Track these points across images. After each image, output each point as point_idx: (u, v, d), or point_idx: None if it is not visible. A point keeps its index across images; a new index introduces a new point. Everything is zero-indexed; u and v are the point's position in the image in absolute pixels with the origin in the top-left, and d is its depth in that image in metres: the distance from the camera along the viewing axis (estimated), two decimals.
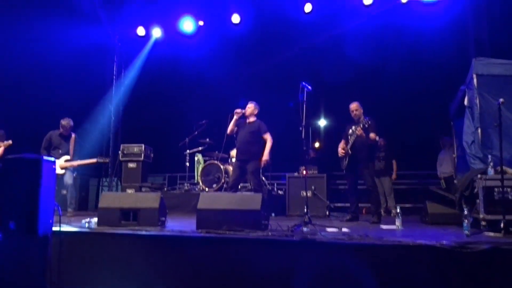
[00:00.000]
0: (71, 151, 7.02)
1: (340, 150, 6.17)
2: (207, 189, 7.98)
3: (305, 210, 4.80)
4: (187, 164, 8.66)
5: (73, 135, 7.11)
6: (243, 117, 6.38)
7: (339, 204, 8.53)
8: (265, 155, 6.21)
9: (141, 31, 10.27)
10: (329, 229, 4.63)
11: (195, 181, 8.89)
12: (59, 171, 6.76)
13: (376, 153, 6.99)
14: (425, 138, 8.79)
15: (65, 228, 4.00)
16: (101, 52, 10.44)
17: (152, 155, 8.95)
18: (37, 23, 8.39)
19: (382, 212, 7.21)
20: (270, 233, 4.05)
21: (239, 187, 7.16)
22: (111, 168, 10.11)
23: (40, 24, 8.41)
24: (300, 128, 4.90)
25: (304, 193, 7.38)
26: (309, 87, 4.96)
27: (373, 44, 9.11)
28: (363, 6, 8.85)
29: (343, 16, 9.13)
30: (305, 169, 7.20)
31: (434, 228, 5.11)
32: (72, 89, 9.38)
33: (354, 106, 6.20)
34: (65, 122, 6.99)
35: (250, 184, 6.41)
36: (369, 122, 5.80)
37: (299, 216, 7.05)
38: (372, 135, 5.86)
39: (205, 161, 8.63)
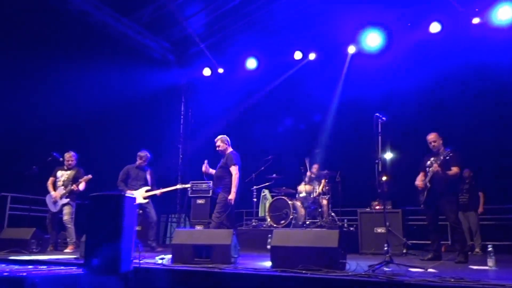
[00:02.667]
0: (149, 182, 7.21)
1: (419, 183, 5.79)
2: (275, 225, 7.84)
3: (386, 247, 4.47)
4: (255, 199, 8.60)
5: (149, 169, 7.35)
6: None
7: (415, 241, 7.95)
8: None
9: (207, 71, 10.68)
10: (413, 269, 4.27)
11: (259, 216, 8.79)
12: (142, 200, 6.97)
13: (459, 186, 6.51)
14: None
15: (144, 265, 4.02)
16: (170, 92, 10.95)
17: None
18: (115, 68, 9.00)
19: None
20: (349, 273, 3.80)
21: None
22: (180, 204, 10.34)
23: (117, 69, 9.02)
24: (376, 161, 4.66)
25: (378, 230, 7.02)
26: (383, 118, 4.76)
27: (445, 71, 8.69)
28: (430, 34, 8.62)
29: (413, 47, 8.85)
30: (379, 204, 6.85)
31: None
32: (143, 127, 9.87)
33: (432, 137, 5.83)
34: (143, 154, 7.26)
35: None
36: (451, 154, 5.40)
37: (374, 254, 6.69)
38: (453, 169, 5.45)
39: (272, 196, 8.52)
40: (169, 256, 4.84)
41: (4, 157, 7.60)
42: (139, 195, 6.96)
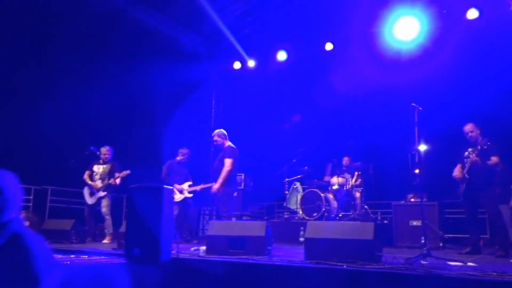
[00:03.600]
0: (189, 177, 7.51)
1: (457, 175, 5.64)
2: (307, 217, 7.82)
3: (423, 240, 4.39)
4: (287, 192, 8.60)
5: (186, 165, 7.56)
6: None
7: (452, 235, 7.75)
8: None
9: (237, 65, 10.70)
10: (452, 263, 4.17)
11: (290, 208, 8.78)
12: (187, 195, 7.30)
13: (497, 178, 6.27)
14: None
15: (181, 255, 4.10)
16: (202, 86, 11.05)
17: (251, 184, 9.07)
18: (148, 63, 9.17)
19: None
20: (386, 266, 3.75)
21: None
22: (212, 197, 10.44)
23: (150, 63, 9.20)
24: (413, 152, 4.56)
25: (414, 223, 6.88)
26: (420, 108, 4.64)
27: (480, 58, 8.36)
28: (468, 21, 8.29)
29: (449, 34, 8.56)
30: (414, 196, 6.71)
31: None
32: (175, 121, 10.02)
33: (468, 127, 5.66)
34: (185, 150, 7.51)
35: None
36: (488, 143, 5.23)
37: (409, 247, 6.57)
38: (493, 158, 5.27)
39: (304, 189, 8.49)
40: (204, 247, 4.92)
41: (44, 152, 7.90)
42: (185, 189, 7.21)
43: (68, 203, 7.77)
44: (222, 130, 6.56)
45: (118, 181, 7.15)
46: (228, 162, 6.10)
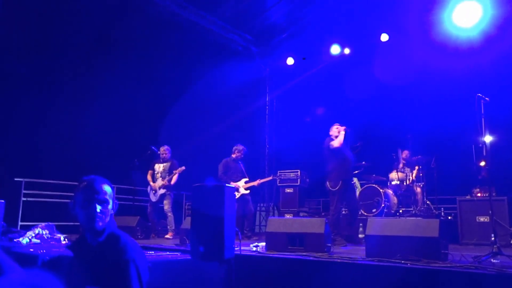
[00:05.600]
0: (245, 174, 7.62)
1: None
2: (365, 213, 7.67)
3: (493, 238, 4.17)
4: None
5: (241, 162, 7.68)
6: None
7: None
8: None
9: (290, 61, 10.70)
10: None
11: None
12: (244, 191, 7.42)
13: None
14: None
15: (242, 252, 4.19)
16: (254, 83, 11.16)
17: (307, 180, 9.03)
18: (202, 63, 9.43)
19: None
20: (453, 264, 3.61)
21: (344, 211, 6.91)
22: (268, 193, 10.55)
23: (204, 64, 9.44)
24: (480, 145, 4.34)
25: (481, 219, 6.54)
26: (487, 98, 4.40)
27: None
28: None
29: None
30: (481, 191, 6.38)
31: None
32: (231, 119, 10.22)
33: None
34: (240, 147, 7.63)
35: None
36: None
37: (476, 244, 6.26)
38: None
39: (362, 184, 8.34)
40: (263, 244, 4.98)
41: (110, 152, 8.35)
42: (241, 186, 7.33)
43: (132, 201, 8.15)
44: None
45: (174, 179, 7.37)
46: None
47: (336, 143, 6.28)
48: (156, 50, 9.12)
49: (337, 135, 6.41)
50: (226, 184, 4.03)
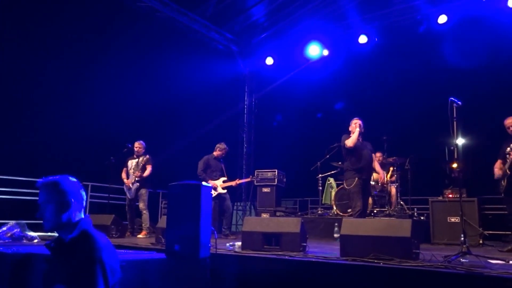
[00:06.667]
0: (225, 172, 7.60)
1: (497, 171, 5.47)
2: (341, 213, 7.77)
3: (462, 238, 4.29)
4: (320, 188, 8.57)
5: (222, 160, 7.68)
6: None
7: (492, 232, 7.52)
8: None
9: (269, 60, 10.74)
10: (493, 261, 4.06)
11: (324, 205, 8.75)
12: (221, 190, 7.37)
13: None
14: None
15: (218, 251, 4.19)
16: (234, 82, 11.17)
17: (284, 179, 9.09)
18: (182, 61, 9.36)
19: None
20: (424, 263, 3.71)
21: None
22: (245, 193, 10.57)
23: (184, 62, 9.38)
24: (452, 148, 4.46)
25: (452, 219, 6.72)
26: (459, 102, 4.52)
27: None
28: (506, 8, 7.99)
29: (485, 22, 8.29)
30: (452, 192, 6.55)
31: None
32: (209, 117, 10.20)
33: (510, 121, 5.48)
34: (223, 146, 7.60)
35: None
36: None
37: (447, 244, 6.43)
38: None
39: (338, 185, 8.44)
40: (239, 243, 4.99)
41: (85, 149, 8.21)
42: (218, 185, 7.30)
43: (108, 199, 8.03)
44: None
45: (146, 172, 7.26)
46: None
47: (350, 142, 5.95)
48: (135, 46, 9.02)
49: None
50: (204, 182, 4.03)
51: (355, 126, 6.05)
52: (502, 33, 8.15)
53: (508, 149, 5.37)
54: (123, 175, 7.48)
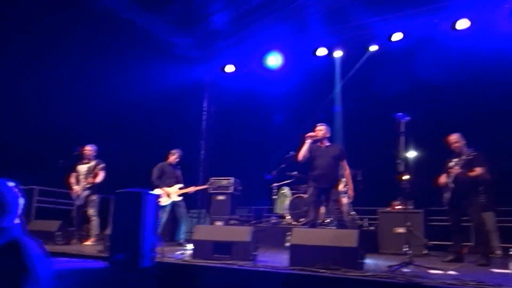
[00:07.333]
0: (181, 179, 7.48)
1: (440, 181, 5.72)
2: (294, 222, 7.84)
3: (405, 248, 4.44)
4: (274, 197, 8.62)
5: (179, 167, 7.57)
6: (315, 141, 5.95)
7: (437, 242, 7.83)
8: (351, 190, 5.93)
9: (229, 68, 10.75)
10: (433, 271, 4.23)
11: (278, 213, 8.82)
12: (176, 198, 7.22)
13: (482, 187, 6.38)
14: None
15: (166, 259, 4.12)
16: (193, 88, 11.07)
17: (240, 188, 9.08)
18: (139, 65, 9.17)
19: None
20: (368, 273, 3.80)
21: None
22: (200, 200, 10.46)
23: (138, 65, 9.17)
24: (398, 161, 4.62)
25: (399, 230, 6.95)
26: (406, 118, 4.71)
27: (470, 70, 8.51)
28: (456, 30, 8.43)
29: (436, 42, 8.72)
30: (400, 203, 6.78)
31: None
32: (165, 123, 10.04)
33: (453, 138, 5.74)
34: (176, 152, 7.50)
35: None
36: (474, 154, 5.33)
37: (393, 254, 6.63)
38: (476, 169, 5.36)
39: (292, 194, 8.52)
40: (190, 251, 4.93)
41: (32, 151, 7.85)
42: (174, 192, 7.15)
43: (55, 204, 7.72)
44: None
45: (99, 179, 7.05)
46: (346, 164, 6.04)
47: (300, 156, 5.92)
48: (90, 46, 8.73)
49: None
50: (157, 190, 3.95)
51: (310, 136, 5.96)
52: (452, 53, 8.58)
53: (451, 163, 5.63)
54: (72, 180, 7.21)
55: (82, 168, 7.21)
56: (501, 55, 8.02)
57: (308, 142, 5.91)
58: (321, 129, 6.02)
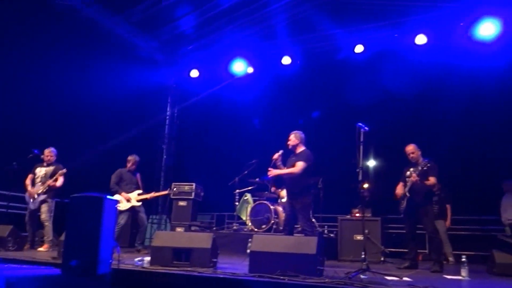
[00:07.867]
0: (141, 185, 7.38)
1: (398, 192, 5.91)
2: (255, 229, 7.85)
3: (363, 255, 4.54)
4: (237, 203, 8.61)
5: (138, 173, 7.48)
6: (290, 152, 5.92)
7: (394, 250, 8.07)
8: (276, 171, 5.71)
9: (194, 73, 10.69)
10: (389, 278, 4.35)
11: (240, 220, 8.81)
12: (135, 203, 7.12)
13: (435, 196, 6.65)
14: (485, 181, 8.25)
15: (123, 266, 4.01)
16: (156, 92, 10.91)
17: (202, 193, 9.00)
18: (101, 66, 8.92)
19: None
20: (326, 280, 3.86)
21: None
22: (161, 206, 10.29)
23: (99, 66, 8.93)
24: (357, 170, 4.74)
25: (358, 237, 7.10)
26: (366, 128, 4.84)
27: (427, 83, 8.88)
28: (415, 45, 8.79)
29: (396, 55, 9.05)
30: (359, 211, 6.93)
31: (503, 280, 4.69)
32: (127, 126, 9.82)
33: (410, 148, 5.96)
34: (132, 157, 7.40)
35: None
36: (428, 164, 5.54)
37: (352, 261, 6.77)
38: (431, 179, 5.58)
39: (254, 200, 8.53)
40: (149, 258, 4.83)
41: None
42: (133, 198, 7.05)
43: (7, 208, 7.35)
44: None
45: (58, 183, 6.83)
46: (301, 164, 5.62)
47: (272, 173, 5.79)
48: (49, 46, 8.42)
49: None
50: (115, 195, 3.85)
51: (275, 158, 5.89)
52: (411, 66, 8.92)
53: (408, 173, 5.83)
54: (27, 181, 6.93)
55: (40, 171, 6.95)
56: (456, 70, 8.43)
57: (278, 164, 5.89)
58: (289, 139, 5.97)
